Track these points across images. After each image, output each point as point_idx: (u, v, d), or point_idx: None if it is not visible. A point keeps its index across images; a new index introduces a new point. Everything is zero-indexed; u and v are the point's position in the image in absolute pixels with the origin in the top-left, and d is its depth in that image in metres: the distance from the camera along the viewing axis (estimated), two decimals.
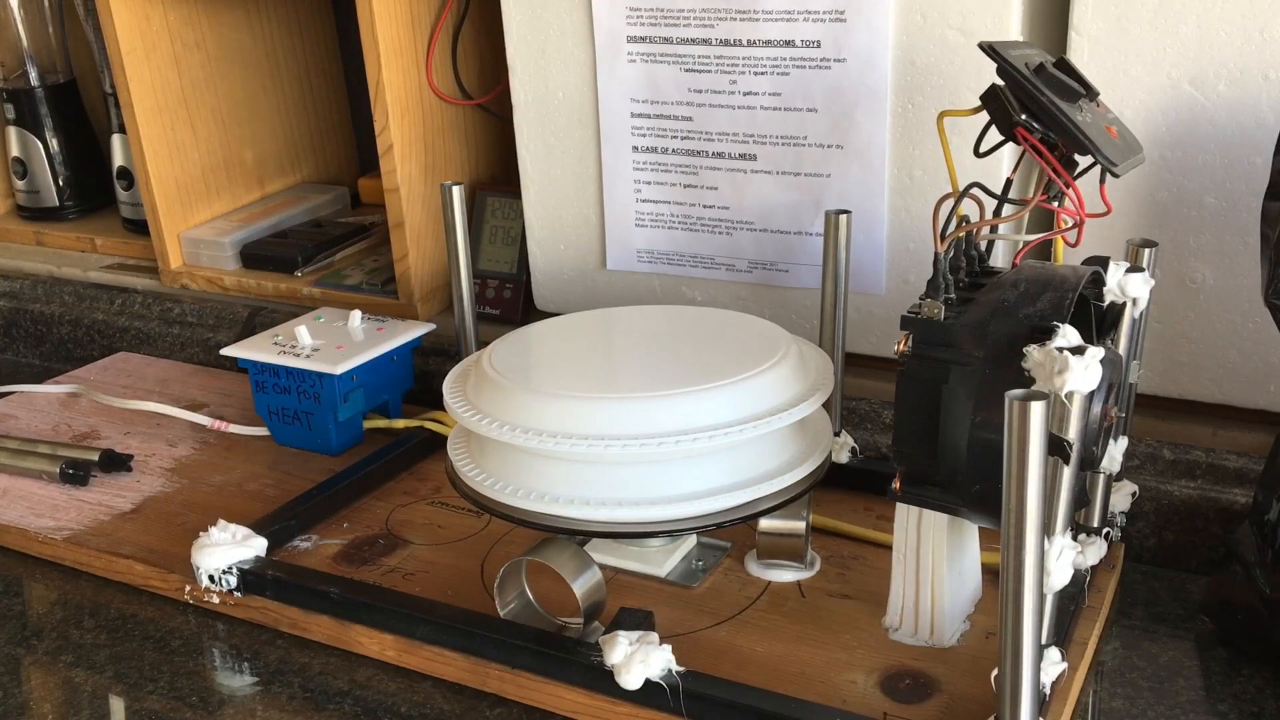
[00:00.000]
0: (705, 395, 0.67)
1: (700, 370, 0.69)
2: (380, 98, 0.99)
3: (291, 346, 0.93)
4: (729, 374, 0.68)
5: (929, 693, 0.64)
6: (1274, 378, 0.78)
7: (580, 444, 0.65)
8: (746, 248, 0.90)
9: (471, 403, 0.71)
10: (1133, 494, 0.75)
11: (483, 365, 0.72)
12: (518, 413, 0.68)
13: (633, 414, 0.66)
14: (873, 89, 0.81)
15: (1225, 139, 0.74)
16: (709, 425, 0.66)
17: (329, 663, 0.72)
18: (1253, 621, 0.67)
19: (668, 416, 0.66)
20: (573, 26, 0.90)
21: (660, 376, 0.70)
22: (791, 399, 0.69)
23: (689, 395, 0.67)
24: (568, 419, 0.66)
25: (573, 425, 0.66)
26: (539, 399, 0.68)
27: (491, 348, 0.75)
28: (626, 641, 0.62)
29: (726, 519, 0.67)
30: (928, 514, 0.64)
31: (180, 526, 0.84)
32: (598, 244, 0.96)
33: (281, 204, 1.25)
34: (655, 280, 0.95)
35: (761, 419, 0.67)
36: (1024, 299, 0.58)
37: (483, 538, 0.81)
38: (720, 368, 0.69)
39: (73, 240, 1.32)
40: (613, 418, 0.66)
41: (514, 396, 0.69)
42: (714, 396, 0.67)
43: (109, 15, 1.08)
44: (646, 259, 0.94)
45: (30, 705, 0.69)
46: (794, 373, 0.70)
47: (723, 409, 0.67)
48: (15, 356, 1.25)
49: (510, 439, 0.67)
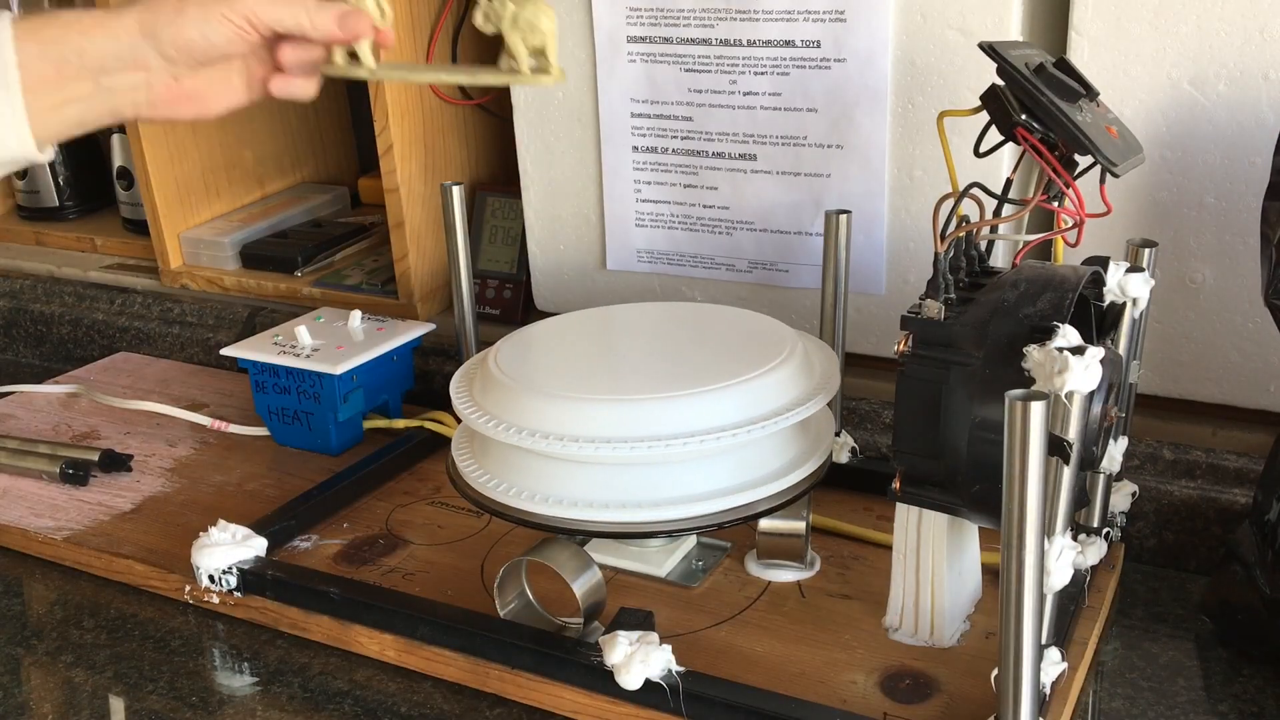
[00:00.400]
0: (710, 396, 0.67)
1: (706, 370, 0.69)
2: (380, 98, 0.99)
3: (291, 346, 0.93)
4: (734, 374, 0.68)
5: (929, 693, 0.64)
6: (1274, 378, 0.78)
7: (588, 447, 0.65)
8: (746, 248, 0.90)
9: (479, 404, 0.71)
10: (1133, 494, 0.75)
11: (489, 366, 0.72)
12: (526, 415, 0.68)
13: (640, 416, 0.66)
14: (873, 89, 0.81)
15: (1225, 139, 0.74)
16: (715, 427, 0.66)
17: (329, 663, 0.72)
18: (1253, 621, 0.67)
19: (673, 418, 0.66)
20: (573, 26, 0.90)
21: (666, 377, 0.69)
22: (795, 399, 0.69)
23: (694, 397, 0.67)
24: (575, 421, 0.66)
25: (580, 428, 0.66)
26: (547, 401, 0.68)
27: (497, 348, 0.75)
28: (626, 641, 0.62)
29: (727, 520, 0.67)
30: (928, 514, 0.64)
31: (180, 526, 0.84)
32: (598, 244, 0.96)
33: (281, 204, 1.25)
34: (655, 280, 0.95)
35: (767, 420, 0.66)
36: (1024, 299, 0.58)
37: (483, 538, 0.81)
38: (725, 368, 0.69)
39: (73, 240, 1.32)
40: (620, 420, 0.66)
41: (521, 399, 0.68)
42: (719, 398, 0.67)
43: None
44: (646, 259, 0.94)
45: (30, 705, 0.69)
46: (799, 371, 0.70)
47: (728, 410, 0.67)
48: (15, 356, 1.25)
49: (519, 442, 0.67)
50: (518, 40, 0.63)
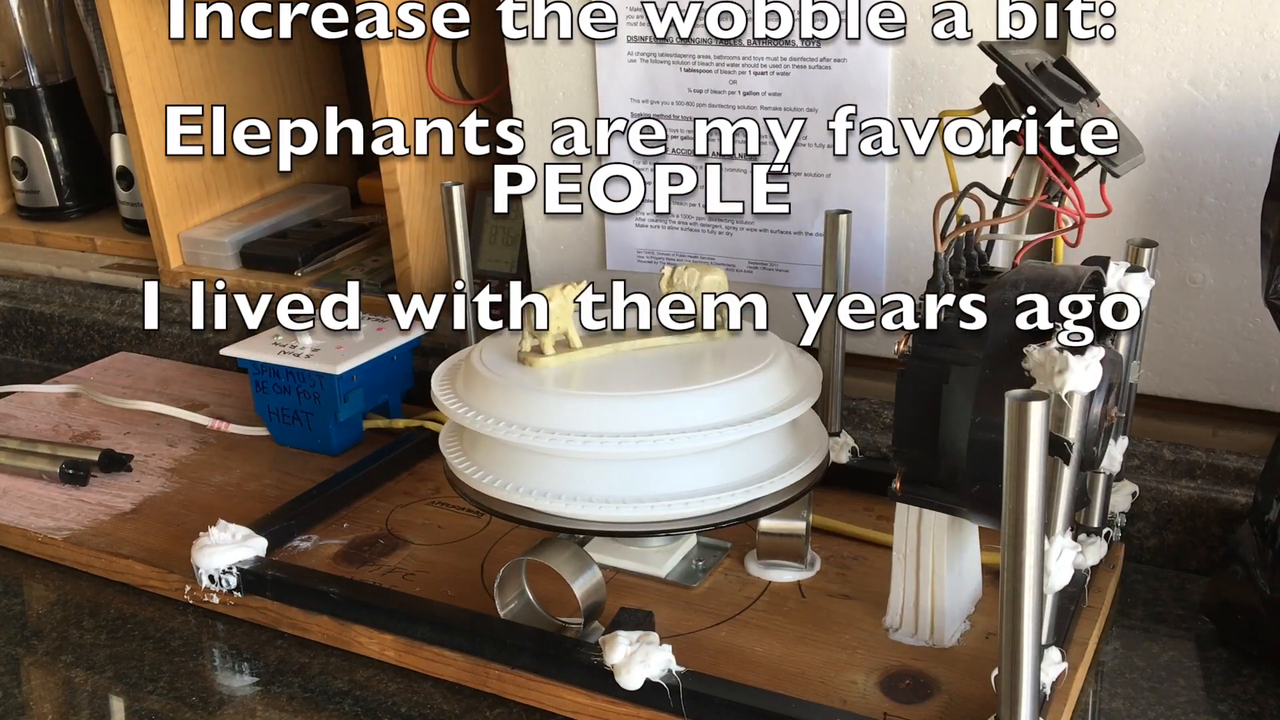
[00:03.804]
0: (701, 394, 0.67)
1: (693, 373, 0.69)
2: (380, 98, 0.99)
3: (291, 346, 0.93)
4: (722, 375, 0.68)
5: (929, 693, 0.64)
6: (1274, 378, 0.78)
7: (576, 440, 0.65)
8: (746, 248, 0.90)
9: (461, 398, 0.71)
10: (1133, 494, 0.75)
11: (472, 361, 0.72)
12: (507, 408, 0.67)
13: (636, 411, 0.66)
14: (873, 89, 0.81)
15: (1225, 139, 0.74)
16: (705, 424, 0.65)
17: (329, 663, 0.72)
18: (1253, 621, 0.67)
19: (662, 414, 0.66)
20: None
21: (654, 377, 0.69)
22: (787, 399, 0.69)
23: (684, 394, 0.66)
24: (557, 415, 0.66)
25: (562, 421, 0.66)
26: (527, 394, 0.67)
27: (481, 344, 0.75)
28: (626, 641, 0.62)
29: (726, 519, 0.67)
30: (928, 514, 0.64)
31: (180, 526, 0.84)
32: (598, 244, 0.96)
33: (281, 204, 1.25)
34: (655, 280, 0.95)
35: (759, 419, 0.66)
36: None
37: (483, 538, 0.81)
38: (712, 371, 0.69)
39: (73, 240, 1.32)
40: (606, 414, 0.66)
41: (503, 392, 0.68)
42: (710, 395, 0.67)
43: (109, 15, 1.08)
44: (647, 259, 0.94)
45: (30, 705, 0.69)
46: (786, 374, 0.70)
47: (716, 408, 0.66)
48: (15, 356, 1.25)
49: (494, 432, 0.67)
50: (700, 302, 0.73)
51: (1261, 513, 0.68)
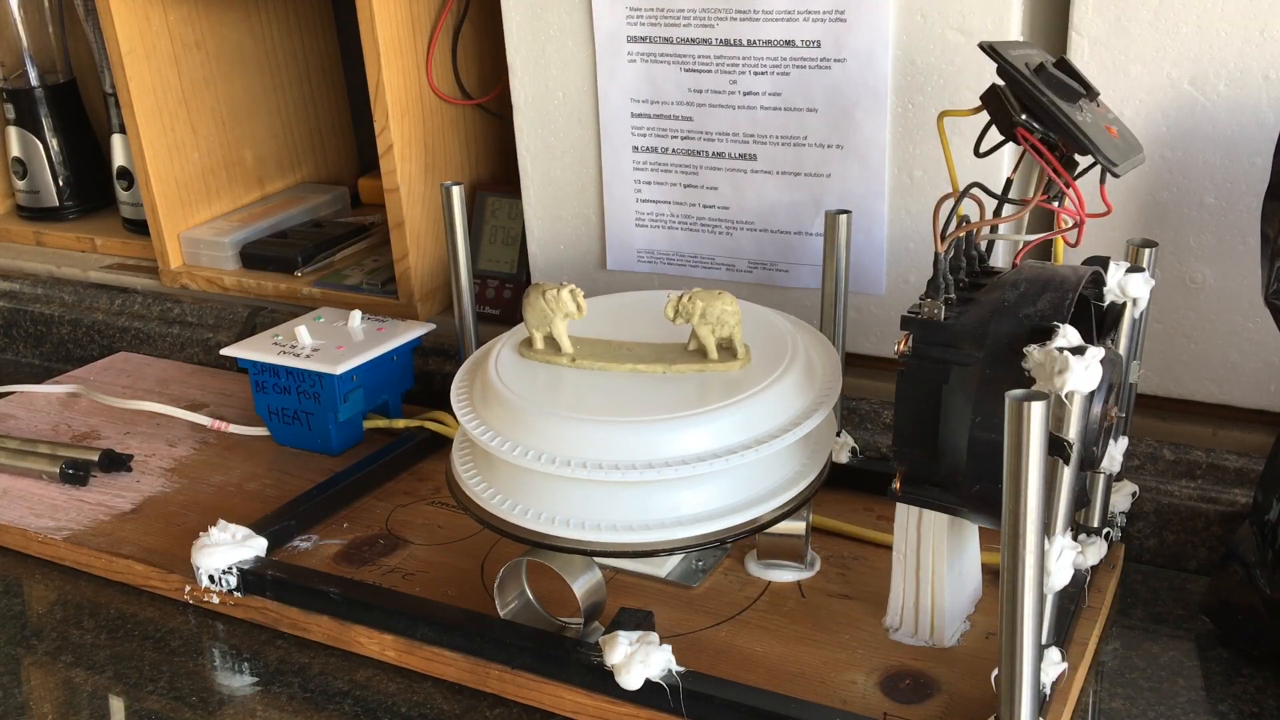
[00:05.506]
0: (709, 418, 0.64)
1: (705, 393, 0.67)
2: (380, 98, 0.99)
3: (291, 346, 0.93)
4: (734, 392, 0.66)
5: (929, 693, 0.64)
6: (1274, 378, 0.78)
7: (595, 470, 0.63)
8: (746, 248, 0.90)
9: (480, 416, 0.68)
10: (1133, 494, 0.75)
11: (489, 375, 0.70)
12: (527, 435, 0.65)
13: (638, 439, 0.64)
14: (873, 89, 0.81)
15: (1225, 139, 0.74)
16: (711, 451, 0.64)
17: (329, 663, 0.72)
18: (1253, 621, 0.67)
19: (673, 442, 0.64)
20: (573, 26, 0.90)
21: (665, 397, 0.67)
22: (798, 413, 0.67)
23: (693, 419, 0.64)
24: (569, 444, 0.64)
25: (574, 451, 0.64)
26: (546, 421, 0.65)
27: (497, 346, 0.73)
28: (626, 641, 0.62)
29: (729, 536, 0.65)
30: (928, 514, 0.64)
31: (180, 526, 0.84)
32: (598, 244, 0.96)
33: (281, 204, 1.25)
34: (655, 280, 0.95)
35: (765, 441, 0.64)
36: (1024, 299, 0.58)
37: (483, 538, 0.81)
38: (722, 391, 0.67)
39: (73, 240, 1.32)
40: (619, 443, 0.64)
41: (522, 418, 0.66)
42: (718, 419, 0.65)
43: (109, 15, 1.09)
44: (647, 259, 0.94)
45: (30, 705, 0.69)
46: (800, 383, 0.68)
47: (724, 432, 0.64)
48: (15, 356, 1.25)
49: (517, 459, 0.65)
50: (708, 332, 0.69)
51: (1261, 513, 0.68)
